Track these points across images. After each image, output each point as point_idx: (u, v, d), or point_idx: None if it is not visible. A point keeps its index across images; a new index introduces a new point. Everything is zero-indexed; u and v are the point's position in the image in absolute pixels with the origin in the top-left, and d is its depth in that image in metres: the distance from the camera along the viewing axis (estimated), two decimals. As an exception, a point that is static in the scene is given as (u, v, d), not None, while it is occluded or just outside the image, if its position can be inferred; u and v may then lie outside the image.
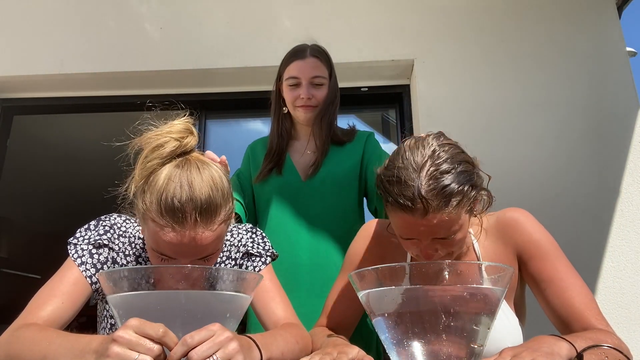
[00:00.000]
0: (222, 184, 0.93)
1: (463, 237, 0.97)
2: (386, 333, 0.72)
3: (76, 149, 4.35)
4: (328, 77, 1.65)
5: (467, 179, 0.91)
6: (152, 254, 0.94)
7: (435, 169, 0.89)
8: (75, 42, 2.64)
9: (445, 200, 0.87)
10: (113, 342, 0.63)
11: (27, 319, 0.91)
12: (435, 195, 0.87)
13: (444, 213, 0.88)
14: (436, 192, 0.87)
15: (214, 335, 0.67)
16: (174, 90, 2.69)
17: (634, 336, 2.04)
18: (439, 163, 0.90)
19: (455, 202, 0.88)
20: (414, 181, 0.88)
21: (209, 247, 0.91)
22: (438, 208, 0.87)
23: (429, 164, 0.90)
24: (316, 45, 1.68)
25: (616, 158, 2.27)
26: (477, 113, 2.38)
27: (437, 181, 0.88)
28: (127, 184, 0.97)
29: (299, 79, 1.61)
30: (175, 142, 0.93)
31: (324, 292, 1.25)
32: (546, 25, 2.50)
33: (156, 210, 0.87)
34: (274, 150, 1.65)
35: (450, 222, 0.90)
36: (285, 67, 1.65)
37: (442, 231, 0.91)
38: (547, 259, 1.03)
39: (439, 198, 0.87)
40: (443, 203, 0.87)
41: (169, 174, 0.90)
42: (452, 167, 0.90)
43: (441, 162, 0.90)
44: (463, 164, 0.93)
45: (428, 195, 0.87)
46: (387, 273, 0.71)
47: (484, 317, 0.69)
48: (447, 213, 0.88)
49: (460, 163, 0.92)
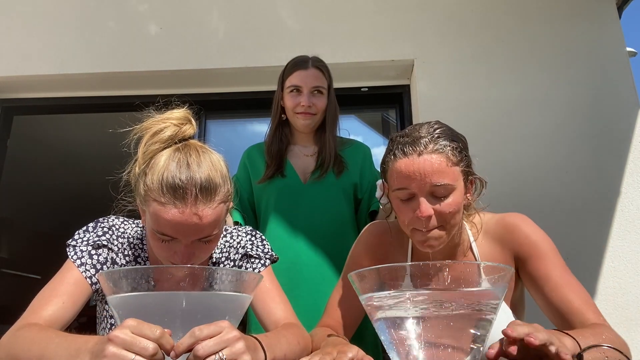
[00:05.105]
0: (221, 167, 0.98)
1: (457, 206, 1.00)
2: (386, 334, 0.72)
3: (76, 149, 4.36)
4: (327, 89, 1.73)
5: (462, 145, 1.04)
6: (154, 237, 0.95)
7: (435, 128, 1.03)
8: (75, 42, 2.64)
9: (440, 145, 0.99)
10: (109, 342, 0.63)
11: (28, 319, 0.91)
12: (431, 140, 1.00)
13: (438, 154, 0.98)
14: (433, 138, 1.00)
15: (222, 332, 0.68)
16: (174, 90, 2.66)
17: (634, 336, 2.04)
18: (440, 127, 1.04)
19: (449, 149, 0.99)
20: (416, 132, 1.03)
21: (209, 227, 0.93)
22: (433, 150, 0.99)
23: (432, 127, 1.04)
24: (317, 57, 1.76)
25: (616, 158, 2.27)
26: (477, 113, 2.38)
27: (436, 132, 1.02)
28: (129, 168, 1.00)
29: (301, 87, 1.68)
30: (174, 128, 0.98)
31: (324, 292, 1.26)
32: (546, 26, 2.50)
33: (157, 189, 0.90)
34: (275, 155, 1.71)
35: (443, 168, 0.98)
36: (288, 76, 1.72)
37: (436, 175, 0.97)
38: (545, 258, 1.04)
39: (433, 142, 1.00)
40: (439, 147, 0.99)
41: (170, 155, 0.94)
42: (450, 132, 1.05)
43: (442, 127, 1.04)
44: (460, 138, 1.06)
45: (426, 138, 1.00)
46: (387, 273, 0.71)
47: (484, 317, 0.69)
48: (440, 153, 0.99)
49: (457, 136, 1.06)
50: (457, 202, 1.00)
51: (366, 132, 2.85)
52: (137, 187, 0.97)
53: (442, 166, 0.98)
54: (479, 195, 1.11)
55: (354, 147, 1.80)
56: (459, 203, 1.01)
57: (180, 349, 0.66)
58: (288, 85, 1.70)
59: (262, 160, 1.75)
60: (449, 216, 1.00)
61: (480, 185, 1.10)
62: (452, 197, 1.00)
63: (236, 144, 1.89)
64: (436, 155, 0.98)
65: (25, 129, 3.45)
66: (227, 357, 0.67)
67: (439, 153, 0.98)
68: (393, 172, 1.02)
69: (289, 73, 1.71)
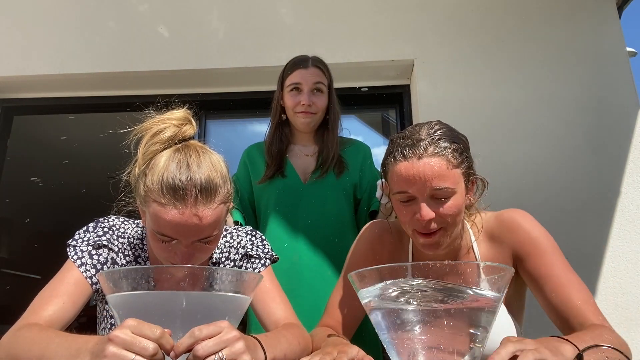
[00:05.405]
0: (221, 167, 0.98)
1: (457, 208, 1.00)
2: (386, 333, 0.72)
3: (76, 149, 4.35)
4: (327, 88, 1.73)
5: (462, 146, 1.03)
6: (154, 238, 0.95)
7: (436, 129, 1.02)
8: (75, 42, 2.64)
9: (441, 148, 0.99)
10: (109, 342, 0.63)
11: (29, 319, 0.91)
12: (431, 142, 0.99)
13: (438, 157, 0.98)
14: (434, 140, 1.00)
15: (221, 332, 0.68)
16: (174, 90, 2.66)
17: (634, 336, 2.04)
18: (440, 128, 1.03)
19: (450, 152, 0.99)
20: (416, 134, 1.02)
21: (209, 227, 0.93)
22: (434, 153, 0.98)
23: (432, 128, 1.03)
24: (317, 57, 1.75)
25: (616, 158, 2.27)
26: (477, 113, 2.38)
27: (436, 134, 1.01)
28: (129, 169, 1.00)
29: (301, 86, 1.67)
30: (174, 128, 0.98)
31: (325, 292, 1.25)
32: (546, 25, 2.50)
33: (157, 190, 0.90)
34: (275, 155, 1.71)
35: (444, 172, 0.97)
36: (288, 75, 1.71)
37: (436, 179, 0.96)
38: (545, 256, 1.03)
39: (434, 144, 0.99)
40: (439, 149, 0.99)
41: (170, 156, 0.94)
42: (450, 133, 1.03)
43: (442, 128, 1.03)
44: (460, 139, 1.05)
45: (426, 140, 0.99)
46: (388, 273, 0.71)
47: (484, 317, 0.69)
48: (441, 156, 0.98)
49: (458, 136, 1.05)
50: (457, 204, 1.00)
51: (366, 132, 2.85)
52: (137, 188, 0.97)
53: (442, 169, 0.97)
54: (481, 195, 1.11)
55: (354, 147, 1.80)
56: (459, 205, 1.01)
57: (180, 349, 0.66)
58: (288, 84, 1.69)
59: (262, 159, 1.75)
60: (449, 218, 1.00)
61: (482, 186, 1.10)
62: (453, 199, 1.00)
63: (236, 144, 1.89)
64: (436, 158, 0.98)
65: (25, 129, 3.45)
66: (227, 357, 0.67)
67: (440, 156, 0.98)
68: (393, 175, 1.02)
69: (289, 72, 1.71)
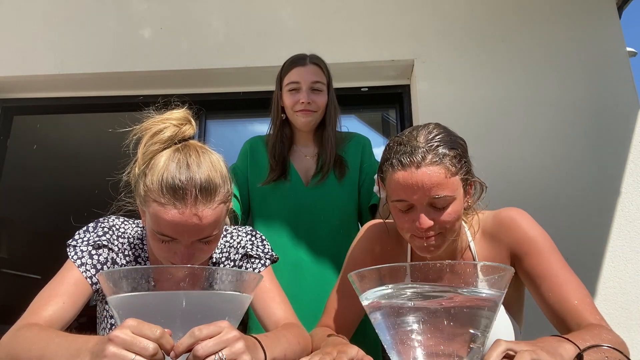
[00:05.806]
0: (221, 167, 0.98)
1: (456, 214, 0.99)
2: (386, 333, 0.72)
3: (76, 149, 4.35)
4: (326, 86, 1.70)
5: (461, 152, 1.02)
6: (154, 238, 0.95)
7: (434, 135, 1.01)
8: (75, 42, 2.64)
9: (439, 156, 0.97)
10: (109, 342, 0.63)
11: (29, 319, 0.91)
12: (429, 150, 0.98)
13: (437, 166, 0.96)
14: (432, 148, 0.98)
15: (221, 332, 0.68)
16: (174, 90, 2.66)
17: (634, 336, 2.04)
18: (438, 133, 1.02)
19: (448, 159, 0.97)
20: (413, 140, 1.00)
21: (209, 227, 0.93)
22: (432, 162, 0.96)
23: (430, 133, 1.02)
24: (315, 55, 1.73)
25: (616, 158, 2.27)
26: (477, 113, 2.38)
27: (434, 141, 0.99)
28: (129, 169, 1.00)
29: (300, 84, 1.65)
30: (174, 128, 0.98)
31: (327, 293, 1.25)
32: (546, 25, 2.50)
33: (157, 190, 0.90)
34: (278, 158, 1.69)
35: (443, 180, 0.96)
36: (286, 74, 1.69)
37: (435, 188, 0.96)
38: (542, 255, 1.03)
39: (432, 152, 0.97)
40: (437, 158, 0.97)
41: (169, 156, 0.94)
42: (448, 138, 1.02)
43: (440, 133, 1.02)
44: (459, 143, 1.03)
45: (424, 148, 0.98)
46: (387, 273, 0.71)
47: (484, 317, 0.69)
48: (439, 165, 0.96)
49: (456, 141, 1.03)
50: (456, 210, 1.00)
51: (366, 132, 2.84)
52: (137, 188, 0.97)
53: (440, 178, 0.96)
54: (479, 198, 1.10)
55: (354, 141, 1.78)
56: (458, 211, 1.00)
57: (180, 349, 0.66)
58: (287, 83, 1.67)
59: (265, 156, 1.72)
60: (448, 225, 0.99)
61: (480, 189, 1.09)
62: (452, 206, 0.99)
63: (236, 144, 1.89)
64: (435, 167, 0.96)
65: (25, 129, 3.45)
66: (227, 357, 0.67)
67: (438, 165, 0.96)
68: (391, 183, 1.01)
69: (287, 71, 1.69)
